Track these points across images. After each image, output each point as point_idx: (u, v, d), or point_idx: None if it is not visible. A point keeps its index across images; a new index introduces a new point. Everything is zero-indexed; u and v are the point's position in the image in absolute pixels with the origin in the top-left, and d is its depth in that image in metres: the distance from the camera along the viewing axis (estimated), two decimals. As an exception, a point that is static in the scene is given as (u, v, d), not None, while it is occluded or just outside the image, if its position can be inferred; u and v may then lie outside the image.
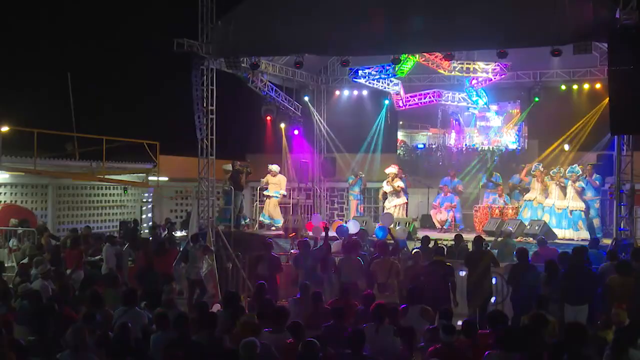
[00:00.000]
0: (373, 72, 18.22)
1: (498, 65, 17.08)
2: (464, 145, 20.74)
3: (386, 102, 20.43)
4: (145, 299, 9.33)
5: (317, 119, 20.90)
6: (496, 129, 20.42)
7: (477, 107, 19.66)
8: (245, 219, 18.72)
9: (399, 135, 21.27)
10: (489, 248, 12.97)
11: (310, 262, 11.88)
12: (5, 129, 16.40)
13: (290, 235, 15.87)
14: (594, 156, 17.57)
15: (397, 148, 21.26)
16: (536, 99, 18.52)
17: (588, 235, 15.00)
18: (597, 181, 15.61)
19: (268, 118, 19.45)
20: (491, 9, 13.04)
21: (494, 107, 20.05)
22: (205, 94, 15.00)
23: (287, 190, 19.90)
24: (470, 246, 12.76)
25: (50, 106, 22.55)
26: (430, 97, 19.63)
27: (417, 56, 17.17)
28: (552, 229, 15.07)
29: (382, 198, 18.35)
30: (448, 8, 13.25)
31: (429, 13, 13.22)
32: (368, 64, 18.01)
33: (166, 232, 18.07)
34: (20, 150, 17.15)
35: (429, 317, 8.62)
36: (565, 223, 15.41)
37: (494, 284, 11.50)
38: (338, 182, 21.45)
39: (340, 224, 16.46)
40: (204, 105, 15.00)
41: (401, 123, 21.18)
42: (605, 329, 8.30)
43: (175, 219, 21.33)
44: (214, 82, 15.20)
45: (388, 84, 19.19)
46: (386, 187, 17.69)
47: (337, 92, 21.07)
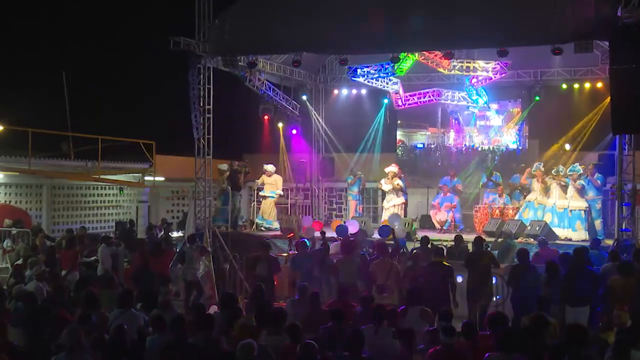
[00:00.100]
0: (372, 71, 18.16)
1: (498, 63, 17.04)
2: (464, 145, 20.74)
3: (385, 101, 20.39)
4: (141, 301, 9.33)
5: (316, 118, 20.87)
6: (496, 129, 20.41)
7: (477, 106, 19.63)
8: (242, 219, 18.74)
9: (398, 134, 21.28)
10: (489, 249, 12.97)
11: (307, 263, 11.88)
12: (-1, 129, 16.43)
13: (288, 236, 15.86)
14: (596, 156, 17.55)
15: (397, 148, 21.26)
16: (537, 98, 18.50)
17: (585, 236, 14.96)
18: (599, 180, 15.55)
19: (265, 117, 19.43)
20: (491, 8, 13.04)
21: (494, 106, 20.02)
22: (202, 93, 15.01)
23: (285, 190, 19.90)
24: (470, 247, 12.77)
25: (50, 106, 22.56)
26: (429, 96, 19.58)
27: (417, 55, 17.15)
28: (554, 229, 15.06)
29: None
30: (448, 6, 13.26)
31: (429, 11, 13.23)
32: (367, 63, 17.95)
33: (162, 233, 18.08)
34: (14, 149, 17.14)
35: (429, 319, 8.62)
36: (566, 222, 15.41)
37: (495, 285, 11.51)
38: (336, 182, 21.41)
39: (339, 224, 16.47)
40: (201, 104, 15.00)
41: (399, 122, 21.16)
42: (606, 331, 8.31)
43: (171, 220, 21.34)
44: (211, 81, 15.21)
45: (387, 83, 19.15)
46: (385, 186, 17.56)
47: (336, 91, 21.03)
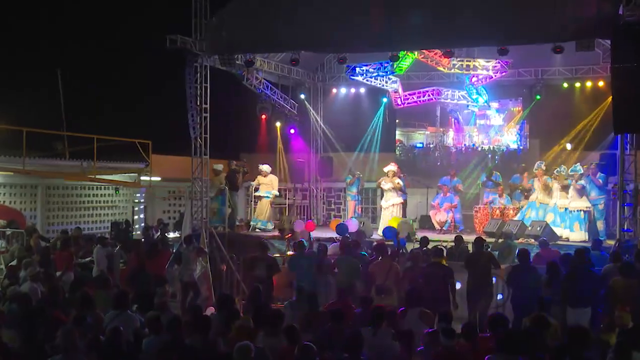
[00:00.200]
0: (371, 70, 18.15)
1: (499, 62, 17.06)
2: (464, 144, 20.75)
3: (384, 100, 20.41)
4: (137, 302, 9.31)
5: (314, 118, 20.87)
6: (497, 128, 20.42)
7: (477, 105, 19.64)
8: (238, 220, 18.73)
9: (396, 134, 21.26)
10: (489, 249, 12.97)
11: (305, 264, 11.88)
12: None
13: (286, 236, 15.85)
14: (597, 156, 17.55)
15: (395, 147, 21.26)
16: (538, 97, 18.53)
17: (583, 237, 14.93)
18: (601, 180, 15.54)
19: (263, 116, 19.41)
20: (492, 6, 13.05)
21: (495, 105, 20.03)
22: (198, 92, 14.99)
23: (283, 190, 19.89)
24: (470, 248, 12.77)
25: (50, 106, 22.55)
26: (429, 95, 19.59)
27: (416, 53, 17.15)
28: (556, 230, 15.05)
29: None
30: (448, 5, 13.27)
31: (429, 9, 13.21)
32: (366, 61, 17.92)
33: (159, 234, 18.03)
34: (8, 149, 17.11)
35: (428, 320, 8.62)
36: (568, 222, 15.40)
37: (495, 286, 11.51)
38: (335, 182, 21.38)
39: (339, 222, 16.46)
40: (198, 103, 14.99)
41: (397, 122, 21.16)
42: (608, 332, 8.32)
43: (168, 220, 21.30)
44: (208, 80, 15.19)
45: (386, 82, 19.16)
46: (385, 185, 17.47)
47: (334, 90, 21.01)
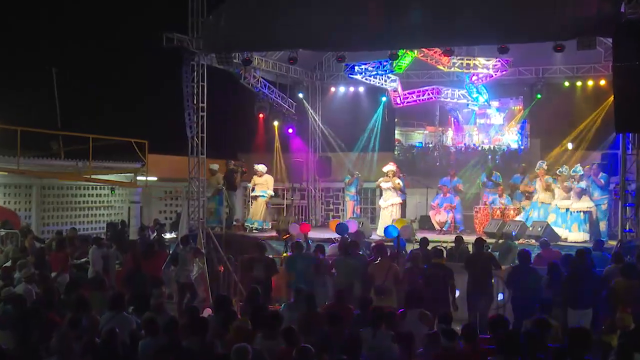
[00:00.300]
0: (370, 68, 18.14)
1: (499, 61, 17.03)
2: (463, 144, 20.75)
3: (383, 99, 20.40)
4: (133, 304, 9.32)
5: (312, 117, 20.85)
6: (497, 127, 20.41)
7: (477, 104, 19.64)
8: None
9: (395, 133, 21.25)
10: (490, 250, 12.98)
11: (302, 265, 11.88)
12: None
13: (284, 237, 15.83)
14: (599, 155, 17.55)
15: (395, 147, 21.26)
16: (538, 96, 18.52)
17: (581, 237, 14.92)
18: (603, 180, 15.53)
19: (261, 116, 19.36)
20: (492, 4, 13.06)
21: (495, 104, 20.00)
22: (195, 91, 14.99)
23: (281, 191, 19.89)
24: (470, 248, 12.78)
25: (50, 106, 22.55)
26: (428, 94, 19.57)
27: (416, 52, 17.13)
28: (557, 230, 15.05)
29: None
30: (448, 3, 13.29)
31: (429, 7, 13.22)
32: (365, 60, 17.91)
33: (155, 234, 18.07)
34: (3, 149, 17.10)
35: (428, 322, 8.61)
36: (569, 223, 15.41)
37: (496, 287, 11.52)
38: (333, 182, 21.36)
39: (339, 222, 16.44)
40: (195, 102, 14.99)
41: (396, 121, 21.15)
42: (609, 334, 8.32)
43: (164, 220, 21.33)
44: (205, 79, 15.19)
45: (385, 81, 19.15)
46: (384, 184, 17.41)
47: (333, 89, 20.96)
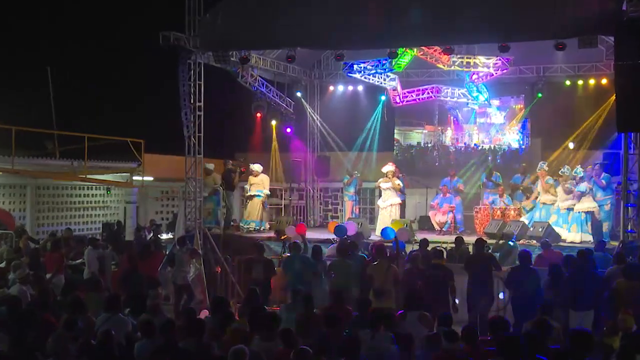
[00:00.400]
0: (369, 67, 18.13)
1: (499, 59, 17.02)
2: (463, 143, 20.75)
3: (382, 98, 20.41)
4: (129, 305, 9.31)
5: (310, 116, 20.85)
6: (498, 126, 20.41)
7: (477, 103, 19.65)
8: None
9: (394, 133, 21.25)
10: (490, 251, 12.99)
11: (300, 266, 11.88)
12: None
13: (282, 237, 15.83)
14: (601, 155, 17.56)
15: (394, 147, 21.26)
16: (539, 95, 18.53)
17: (579, 238, 14.95)
18: (604, 180, 15.53)
19: (258, 115, 19.35)
20: (492, 2, 13.07)
21: (496, 102, 19.99)
22: (192, 90, 14.98)
23: (279, 191, 19.89)
24: (471, 249, 12.78)
25: (48, 106, 22.55)
26: (428, 93, 19.58)
27: (415, 50, 17.12)
28: (558, 231, 15.06)
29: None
30: (448, 1, 13.29)
31: (429, 5, 13.21)
32: (363, 58, 17.91)
33: (151, 235, 18.08)
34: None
35: (428, 324, 8.62)
36: (570, 224, 15.43)
37: (496, 288, 11.53)
38: (332, 182, 21.37)
39: (338, 224, 16.44)
40: (191, 101, 14.99)
41: (396, 120, 21.13)
42: (611, 336, 8.32)
43: (160, 221, 21.32)
44: (202, 77, 15.18)
45: (384, 79, 19.15)
46: (384, 185, 17.38)
47: (331, 88, 20.95)
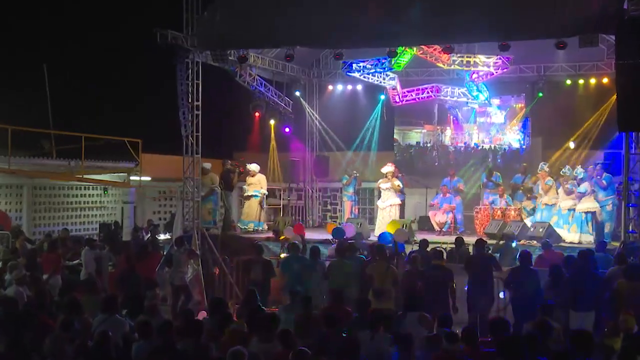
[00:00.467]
0: (368, 66, 18.13)
1: (500, 58, 17.02)
2: (463, 143, 20.75)
3: (382, 98, 20.41)
4: (126, 306, 9.32)
5: (309, 115, 20.85)
6: (498, 126, 20.39)
7: (477, 102, 19.64)
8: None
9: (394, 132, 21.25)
10: (490, 251, 12.99)
11: (298, 266, 11.88)
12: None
13: (281, 238, 15.82)
14: (602, 155, 17.55)
15: (393, 146, 21.25)
16: (540, 94, 18.54)
17: (577, 238, 14.94)
18: (605, 181, 15.52)
19: (257, 114, 19.34)
20: (492, 0, 13.07)
21: (496, 102, 19.99)
22: (190, 89, 14.97)
23: (278, 191, 19.88)
24: (471, 249, 12.78)
25: (47, 106, 22.58)
26: (428, 92, 19.58)
27: (415, 49, 17.13)
28: (558, 231, 15.06)
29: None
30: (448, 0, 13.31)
31: (428, 4, 13.22)
32: (363, 57, 17.92)
33: (149, 235, 18.05)
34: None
35: (428, 325, 8.62)
36: (570, 224, 15.43)
37: (497, 289, 11.53)
38: (331, 182, 21.38)
39: (336, 226, 16.43)
40: (189, 100, 14.97)
41: (395, 119, 21.13)
42: (612, 337, 8.32)
43: (158, 221, 21.30)
44: (200, 76, 15.17)
45: (384, 78, 19.16)
46: (384, 185, 17.33)
47: (330, 87, 20.96)
